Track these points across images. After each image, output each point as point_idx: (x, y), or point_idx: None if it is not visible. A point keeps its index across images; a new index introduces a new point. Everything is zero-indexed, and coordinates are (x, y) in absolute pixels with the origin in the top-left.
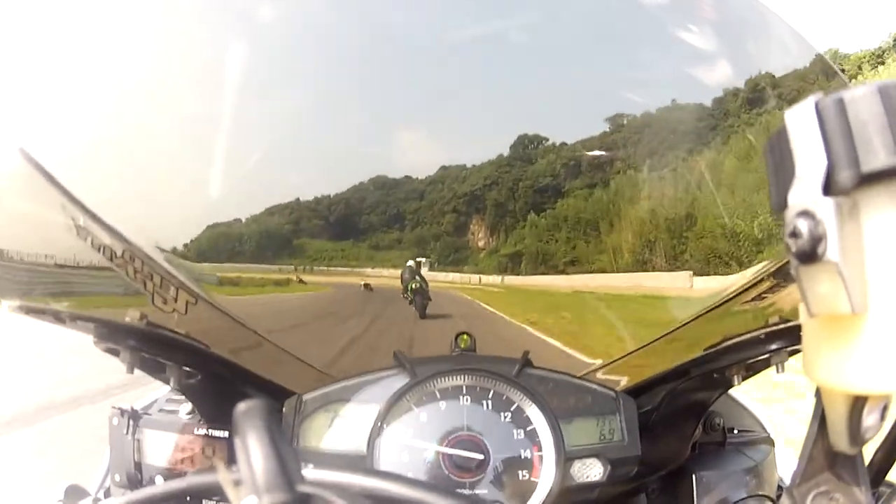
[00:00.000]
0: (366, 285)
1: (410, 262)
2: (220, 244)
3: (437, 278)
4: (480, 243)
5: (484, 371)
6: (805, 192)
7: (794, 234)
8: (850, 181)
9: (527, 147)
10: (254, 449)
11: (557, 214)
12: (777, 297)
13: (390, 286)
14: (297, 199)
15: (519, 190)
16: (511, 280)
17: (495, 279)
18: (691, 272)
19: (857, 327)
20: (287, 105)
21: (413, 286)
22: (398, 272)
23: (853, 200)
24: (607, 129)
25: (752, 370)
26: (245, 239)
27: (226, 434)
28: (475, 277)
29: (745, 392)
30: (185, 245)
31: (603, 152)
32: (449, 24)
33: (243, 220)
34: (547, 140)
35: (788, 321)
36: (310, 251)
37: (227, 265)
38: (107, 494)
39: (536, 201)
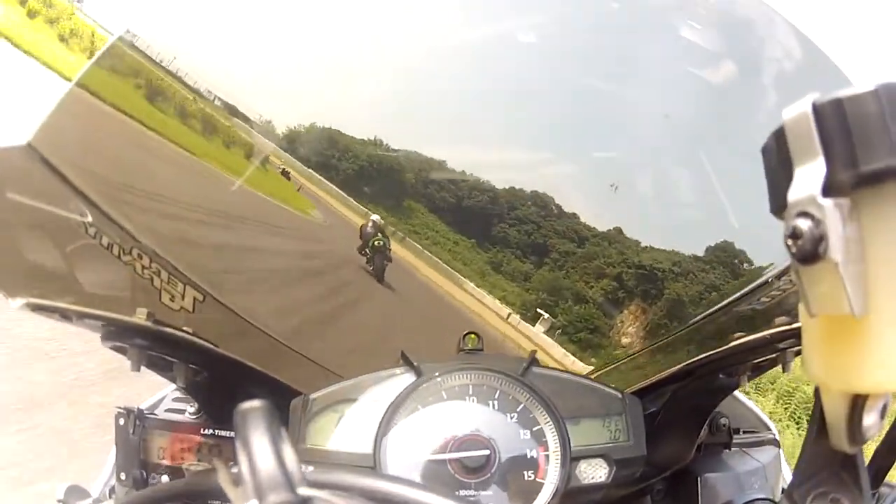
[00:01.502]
0: (284, 171)
1: (375, 217)
2: (324, 146)
3: (551, 352)
4: (625, 339)
5: (490, 370)
6: (804, 192)
7: (794, 236)
8: (849, 181)
9: (730, 258)
10: (254, 451)
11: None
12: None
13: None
14: (444, 161)
15: (710, 298)
16: None
17: None
18: None
19: (858, 327)
20: (500, 71)
21: (376, 243)
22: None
23: (853, 201)
24: None
25: (758, 371)
26: (351, 157)
27: (232, 434)
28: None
29: None
30: (291, 127)
31: None
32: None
33: (369, 140)
34: (753, 264)
35: (794, 321)
36: (414, 219)
37: (301, 167)
38: (112, 493)
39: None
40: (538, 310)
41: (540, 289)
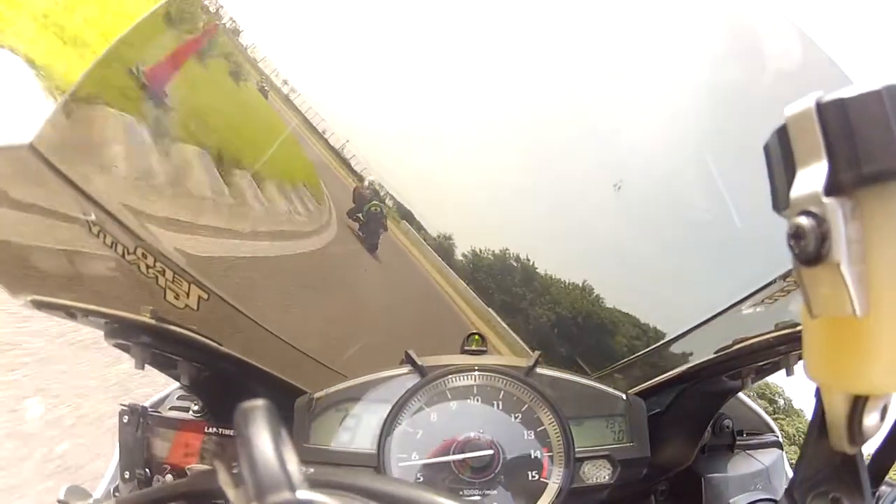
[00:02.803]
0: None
1: (371, 177)
2: (514, 280)
3: None
4: None
5: (494, 371)
6: (807, 191)
7: (796, 235)
8: (851, 181)
9: None
10: (254, 451)
11: None
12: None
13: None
14: (664, 333)
15: None
16: None
17: None
18: None
19: (859, 328)
20: None
21: (372, 208)
22: None
23: (855, 201)
24: None
25: (762, 373)
26: (549, 303)
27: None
28: None
29: None
30: (476, 250)
31: None
32: None
33: (574, 284)
34: None
35: (798, 323)
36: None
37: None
38: (115, 491)
39: None
40: None
41: None
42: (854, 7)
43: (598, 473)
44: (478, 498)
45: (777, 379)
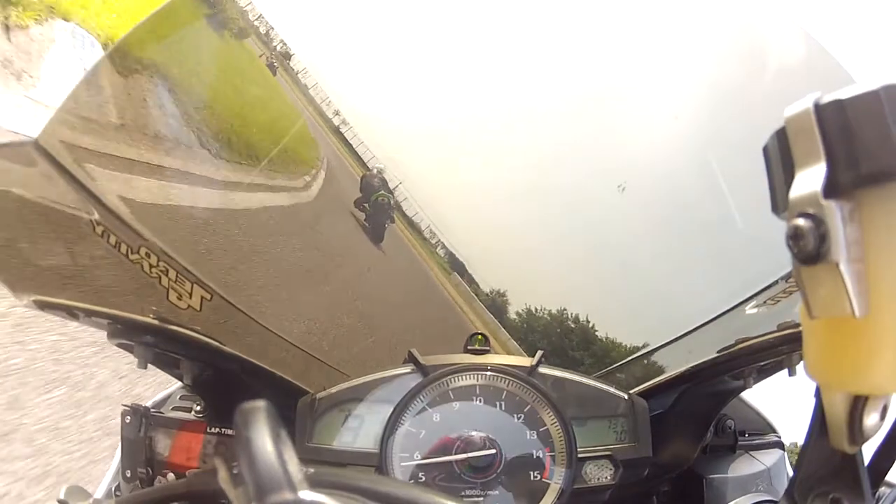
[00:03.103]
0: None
1: (380, 165)
2: (570, 340)
3: None
4: None
5: (497, 371)
6: (805, 193)
7: (795, 236)
8: (850, 182)
9: None
10: (254, 451)
11: None
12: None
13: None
14: None
15: None
16: None
17: None
18: None
19: (858, 328)
20: None
21: (380, 199)
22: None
23: (854, 202)
24: None
25: (763, 373)
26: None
27: None
28: None
29: None
30: (530, 308)
31: None
32: None
33: (633, 348)
34: None
35: (800, 323)
36: None
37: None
38: (117, 490)
39: None
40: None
41: None
42: (854, 7)
43: (601, 474)
44: (479, 498)
45: None
